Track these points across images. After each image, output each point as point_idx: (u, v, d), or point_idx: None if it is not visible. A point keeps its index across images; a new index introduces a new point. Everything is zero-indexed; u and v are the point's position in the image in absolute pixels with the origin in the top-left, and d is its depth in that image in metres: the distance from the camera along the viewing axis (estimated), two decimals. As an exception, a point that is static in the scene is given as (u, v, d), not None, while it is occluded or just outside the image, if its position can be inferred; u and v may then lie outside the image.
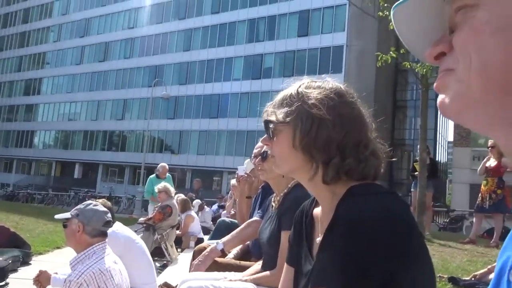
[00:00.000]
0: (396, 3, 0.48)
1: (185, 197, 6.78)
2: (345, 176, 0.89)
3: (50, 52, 47.30)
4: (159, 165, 8.13)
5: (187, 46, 37.55)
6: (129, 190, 31.45)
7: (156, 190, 6.12)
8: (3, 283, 4.41)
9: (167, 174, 8.24)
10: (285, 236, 1.87)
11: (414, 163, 7.85)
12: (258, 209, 2.70)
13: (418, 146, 7.44)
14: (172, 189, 5.91)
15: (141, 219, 5.91)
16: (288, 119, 0.93)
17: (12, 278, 4.58)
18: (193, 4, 37.84)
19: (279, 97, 1.00)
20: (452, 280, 3.55)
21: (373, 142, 0.94)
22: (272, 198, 2.24)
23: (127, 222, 5.54)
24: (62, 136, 45.02)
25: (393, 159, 1.10)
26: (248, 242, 2.71)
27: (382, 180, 0.97)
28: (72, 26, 45.73)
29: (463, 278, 3.62)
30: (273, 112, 0.97)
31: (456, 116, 0.46)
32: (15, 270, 4.92)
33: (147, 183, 8.60)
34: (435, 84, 0.48)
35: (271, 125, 0.97)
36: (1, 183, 43.87)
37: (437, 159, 32.20)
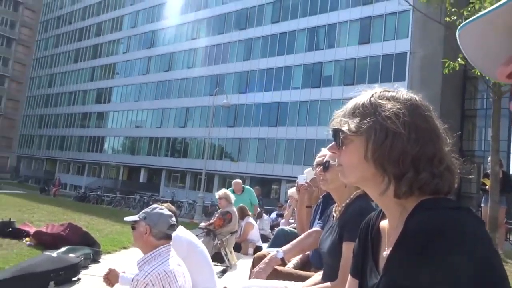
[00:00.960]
0: (462, 23, 0.47)
1: (242, 204, 6.86)
2: (418, 191, 0.86)
3: (120, 63, 50.11)
4: (233, 181, 8.30)
5: (247, 56, 38.17)
6: (190, 195, 32.30)
7: (216, 197, 6.25)
8: (75, 278, 4.70)
9: (246, 187, 8.35)
10: (346, 247, 1.84)
11: (485, 177, 7.38)
12: (319, 219, 2.67)
13: (489, 158, 6.99)
14: (232, 196, 6.01)
15: (202, 224, 6.05)
16: (360, 130, 0.91)
17: (83, 274, 4.86)
18: (253, 14, 38.47)
19: (350, 105, 0.97)
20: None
21: (448, 157, 0.90)
22: (333, 208, 2.21)
23: (188, 227, 5.69)
24: (129, 142, 47.32)
25: (469, 176, 1.04)
26: (308, 252, 2.69)
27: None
28: (140, 38, 48.19)
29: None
30: (344, 121, 0.95)
31: None
32: (86, 267, 5.20)
33: None
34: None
35: (341, 134, 0.94)
36: (74, 185, 47.06)
37: (511, 173, 29.96)
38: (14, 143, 64.04)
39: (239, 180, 8.31)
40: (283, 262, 2.46)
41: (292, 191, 5.23)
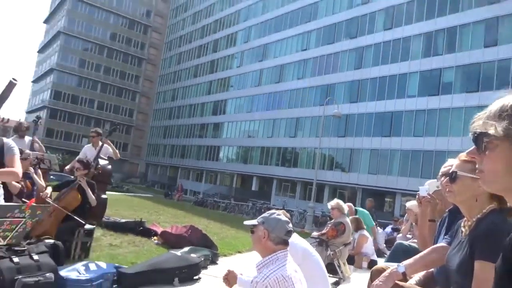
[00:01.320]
0: None
1: (357, 216, 6.68)
2: None
3: (234, 77, 52.74)
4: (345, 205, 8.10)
5: (358, 64, 37.28)
6: (300, 204, 32.42)
7: (328, 207, 6.19)
8: (196, 277, 5.04)
9: (359, 209, 8.13)
10: (479, 266, 1.69)
11: None
12: (445, 234, 2.49)
13: None
14: (345, 206, 5.90)
15: (314, 234, 6.02)
16: (510, 134, 0.84)
17: (203, 274, 5.17)
18: (365, 22, 37.51)
19: (495, 107, 0.90)
20: None
21: None
22: (462, 223, 2.05)
23: (300, 236, 5.72)
24: (242, 151, 49.25)
25: None
26: (432, 269, 2.51)
27: None
28: (252, 52, 50.20)
29: None
30: (490, 124, 0.88)
31: None
32: (205, 267, 5.54)
33: None
34: None
35: (485, 138, 0.88)
36: (193, 190, 50.56)
37: None
38: (143, 152, 71.33)
39: (350, 204, 8.05)
40: (404, 278, 2.34)
41: (411, 204, 4.94)
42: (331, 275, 5.34)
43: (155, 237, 7.00)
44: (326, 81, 39.33)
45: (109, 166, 7.19)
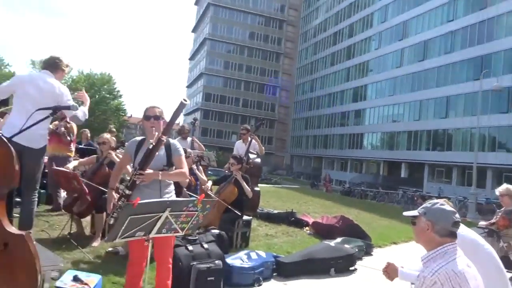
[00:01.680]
0: None
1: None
2: None
3: (372, 60, 50.62)
4: None
5: (521, 27, 32.24)
6: (458, 191, 29.59)
7: (497, 193, 5.49)
8: (352, 268, 5.00)
9: None
10: None
11: None
12: None
13: None
14: (517, 193, 5.15)
15: (482, 223, 5.43)
16: None
17: (358, 265, 5.13)
18: (527, -24, 32.18)
19: None
20: None
21: None
22: None
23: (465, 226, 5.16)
24: (387, 137, 47.12)
25: None
26: None
27: None
28: (391, 32, 47.42)
29: None
30: None
31: None
32: (360, 259, 5.49)
33: None
34: None
35: None
36: (339, 180, 50.35)
37: None
38: (287, 144, 73.88)
39: None
40: None
41: None
42: (508, 270, 4.74)
43: (306, 228, 7.17)
44: (479, 52, 34.99)
45: (259, 160, 7.58)
